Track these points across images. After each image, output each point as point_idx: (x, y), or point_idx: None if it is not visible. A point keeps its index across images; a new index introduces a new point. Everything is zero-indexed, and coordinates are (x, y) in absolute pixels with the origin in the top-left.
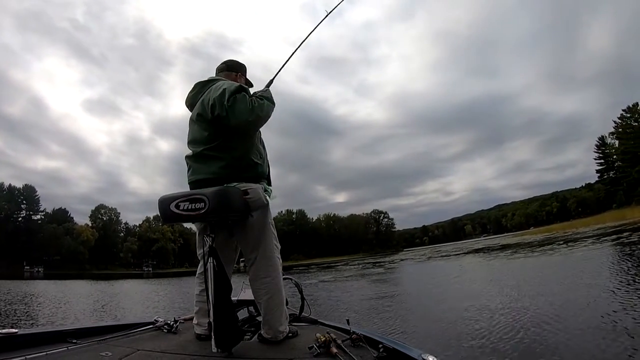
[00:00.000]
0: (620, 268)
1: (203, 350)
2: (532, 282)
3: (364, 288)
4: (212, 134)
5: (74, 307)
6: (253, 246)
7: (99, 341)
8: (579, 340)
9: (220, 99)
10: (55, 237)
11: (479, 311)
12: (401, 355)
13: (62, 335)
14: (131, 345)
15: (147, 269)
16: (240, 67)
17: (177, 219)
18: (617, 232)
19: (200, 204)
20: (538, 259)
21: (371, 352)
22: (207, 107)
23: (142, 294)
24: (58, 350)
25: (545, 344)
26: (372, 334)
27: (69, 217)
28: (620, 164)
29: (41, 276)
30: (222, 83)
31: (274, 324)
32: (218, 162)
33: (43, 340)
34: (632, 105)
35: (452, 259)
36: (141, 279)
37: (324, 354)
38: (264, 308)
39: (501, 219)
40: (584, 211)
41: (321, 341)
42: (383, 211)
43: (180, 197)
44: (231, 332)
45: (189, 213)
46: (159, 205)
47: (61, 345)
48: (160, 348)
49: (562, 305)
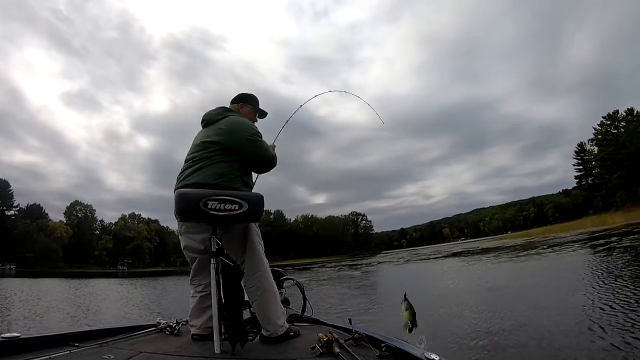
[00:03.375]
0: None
1: (205, 352)
2: (528, 285)
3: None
4: (219, 152)
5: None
6: (242, 247)
7: (101, 344)
8: (578, 340)
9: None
10: (29, 234)
11: (473, 313)
12: (404, 354)
13: (64, 339)
14: (133, 348)
15: (122, 268)
16: (244, 98)
17: (204, 218)
18: (604, 237)
19: (235, 205)
20: (526, 263)
21: (374, 352)
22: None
23: (110, 297)
24: (61, 353)
25: (542, 343)
26: (374, 333)
27: (43, 213)
28: (599, 170)
29: (13, 273)
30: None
31: (272, 318)
32: (214, 170)
33: (46, 344)
34: (613, 113)
35: (432, 262)
36: (115, 278)
37: (327, 354)
38: (259, 304)
39: (479, 223)
40: (561, 217)
41: (324, 341)
42: (361, 213)
43: (211, 195)
44: (240, 333)
45: (223, 213)
46: (179, 199)
47: (64, 348)
48: (162, 350)
49: (565, 307)
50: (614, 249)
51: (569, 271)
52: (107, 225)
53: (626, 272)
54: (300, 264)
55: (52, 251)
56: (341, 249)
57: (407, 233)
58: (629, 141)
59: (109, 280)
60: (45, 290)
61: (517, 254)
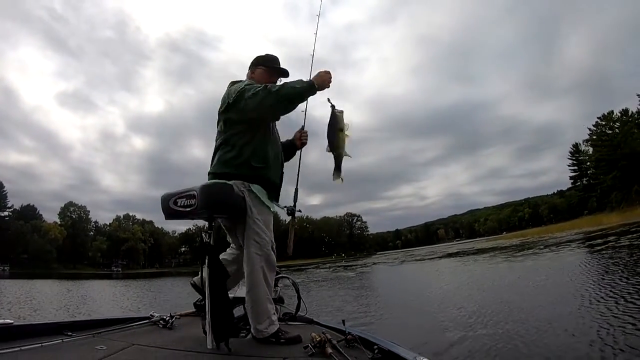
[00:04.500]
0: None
1: (198, 347)
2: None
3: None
4: (222, 134)
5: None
6: (242, 241)
7: (94, 334)
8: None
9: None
10: (22, 235)
11: (469, 314)
12: (396, 357)
13: (57, 328)
14: (126, 340)
15: (116, 269)
16: (255, 61)
17: (175, 216)
18: (601, 237)
19: (192, 200)
20: (523, 263)
21: (366, 353)
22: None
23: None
24: (53, 342)
25: (541, 346)
26: (367, 335)
27: (37, 214)
28: (594, 170)
29: (7, 275)
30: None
31: (253, 322)
32: (220, 158)
33: (38, 331)
34: (607, 113)
35: (427, 263)
36: (109, 279)
37: (319, 354)
38: (249, 301)
39: (474, 224)
40: (555, 217)
41: (316, 341)
42: (356, 214)
43: (178, 194)
44: (225, 327)
45: (184, 209)
46: (161, 202)
47: (56, 337)
48: (155, 343)
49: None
50: (613, 248)
51: (569, 270)
52: (102, 226)
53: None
54: (294, 265)
55: (46, 252)
56: (336, 250)
57: (402, 234)
58: (624, 142)
59: (103, 281)
60: (36, 293)
61: (513, 254)
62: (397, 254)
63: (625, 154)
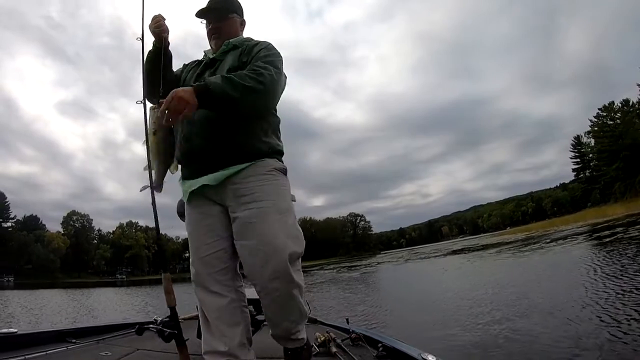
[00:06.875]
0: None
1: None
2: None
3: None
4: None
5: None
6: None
7: (98, 341)
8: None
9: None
10: (26, 245)
11: (476, 311)
12: (401, 354)
13: (61, 335)
14: (130, 345)
15: (120, 277)
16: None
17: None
18: (608, 228)
19: None
20: (531, 258)
21: (370, 352)
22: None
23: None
24: (57, 350)
25: (549, 342)
26: (371, 333)
27: (40, 224)
28: (597, 162)
29: (11, 286)
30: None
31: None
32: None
33: (42, 340)
34: (609, 104)
35: (432, 261)
36: (113, 287)
37: (324, 353)
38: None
39: (477, 220)
40: (559, 211)
41: (321, 340)
42: (360, 214)
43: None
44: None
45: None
46: (178, 207)
47: (61, 345)
48: (159, 348)
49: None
50: (622, 239)
51: (578, 264)
52: (105, 234)
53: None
54: None
55: (50, 262)
56: (340, 251)
57: (406, 232)
58: (626, 132)
59: (107, 289)
60: (42, 301)
61: (519, 249)
62: (401, 253)
63: (627, 144)
